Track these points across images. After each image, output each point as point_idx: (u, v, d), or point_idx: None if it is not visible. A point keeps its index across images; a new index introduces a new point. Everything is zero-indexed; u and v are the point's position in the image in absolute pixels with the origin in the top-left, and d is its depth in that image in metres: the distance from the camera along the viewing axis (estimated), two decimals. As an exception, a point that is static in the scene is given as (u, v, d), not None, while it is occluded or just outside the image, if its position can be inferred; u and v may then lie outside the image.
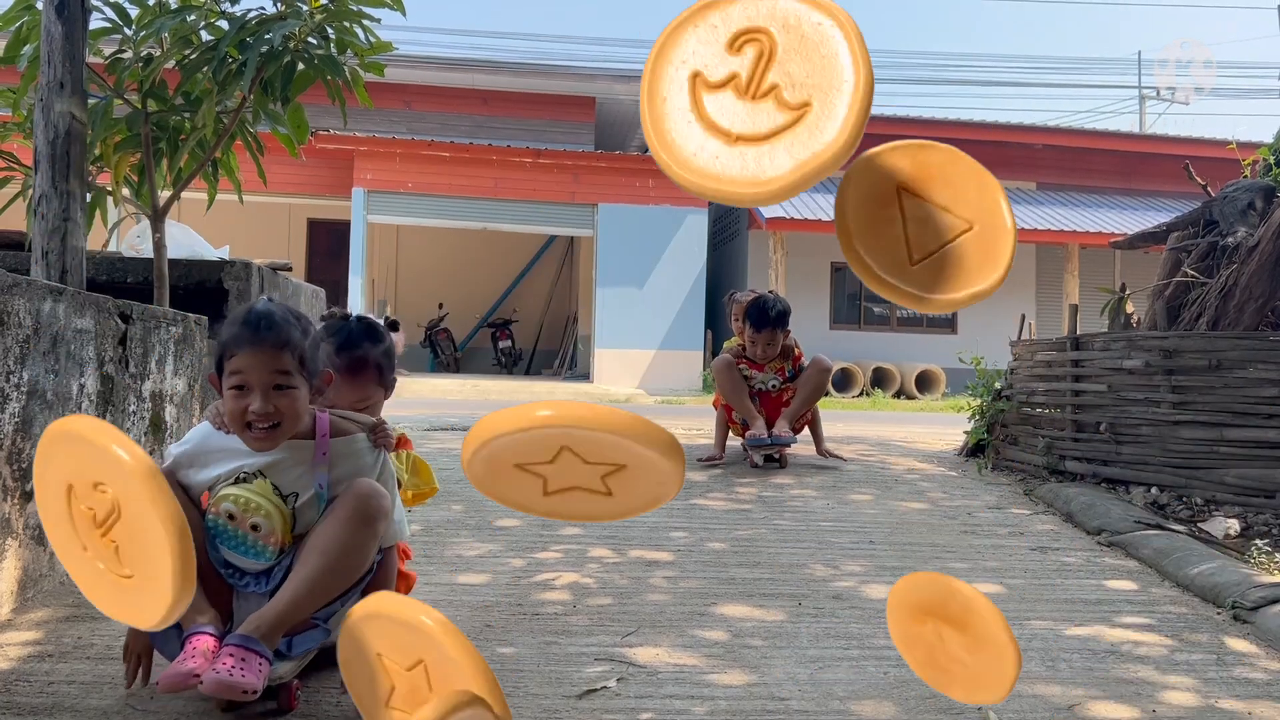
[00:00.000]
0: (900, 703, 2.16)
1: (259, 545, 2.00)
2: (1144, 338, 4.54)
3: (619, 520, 1.31)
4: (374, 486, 2.02)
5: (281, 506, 2.01)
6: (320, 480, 2.04)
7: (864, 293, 17.66)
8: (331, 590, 1.97)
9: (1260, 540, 3.66)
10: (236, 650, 1.78)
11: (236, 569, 2.03)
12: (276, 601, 1.90)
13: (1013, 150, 18.02)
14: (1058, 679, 2.33)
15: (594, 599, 2.85)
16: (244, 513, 1.98)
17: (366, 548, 2.00)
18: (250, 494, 1.99)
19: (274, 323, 1.96)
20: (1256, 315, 4.63)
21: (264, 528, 1.98)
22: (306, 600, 1.92)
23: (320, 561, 1.93)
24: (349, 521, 1.96)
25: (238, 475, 2.02)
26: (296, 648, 1.94)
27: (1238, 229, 4.84)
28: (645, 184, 15.94)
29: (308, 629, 1.97)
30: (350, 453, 2.10)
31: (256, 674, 1.77)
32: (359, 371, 2.44)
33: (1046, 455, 4.86)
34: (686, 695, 2.17)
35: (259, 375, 1.93)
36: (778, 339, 4.86)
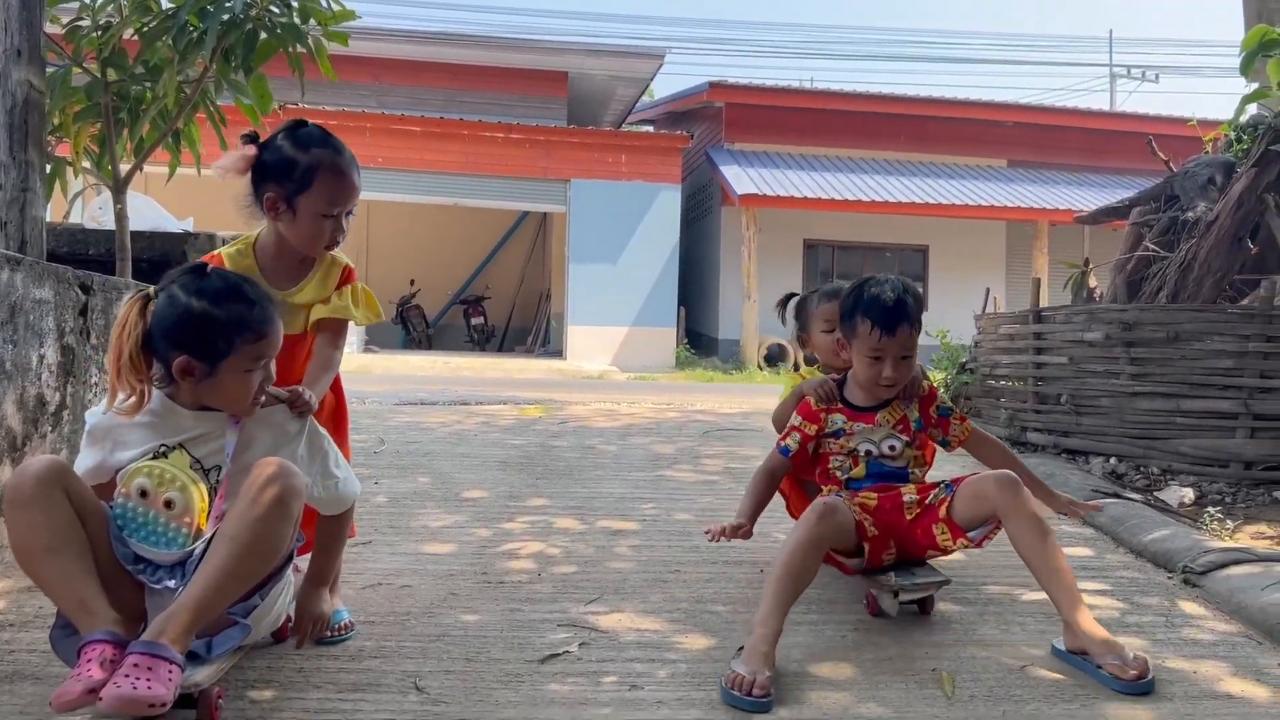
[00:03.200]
0: (858, 664, 2.20)
1: (171, 529, 1.82)
2: (1104, 310, 4.60)
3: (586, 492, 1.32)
4: (284, 466, 1.83)
5: (199, 482, 1.86)
6: (228, 447, 1.92)
7: (836, 269, 17.75)
8: (245, 581, 1.79)
9: (1213, 508, 3.74)
10: (141, 658, 1.58)
11: (148, 564, 1.83)
12: (184, 599, 1.70)
13: (984, 128, 18.11)
14: (1010, 641, 2.38)
15: (559, 567, 2.87)
16: (158, 487, 1.82)
17: (280, 531, 1.81)
18: (166, 466, 1.85)
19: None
20: (1214, 289, 4.71)
21: (178, 504, 1.82)
22: (217, 594, 1.72)
23: (230, 549, 1.74)
24: (259, 504, 1.77)
25: (155, 451, 1.90)
26: (216, 649, 1.76)
27: (1197, 204, 4.91)
28: (618, 159, 15.90)
29: (226, 627, 1.80)
30: (270, 422, 2.00)
31: (165, 683, 1.56)
32: (358, 171, 2.39)
33: (1009, 426, 4.93)
34: (648, 659, 2.20)
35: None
36: (915, 348, 2.48)
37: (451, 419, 5.71)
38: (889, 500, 2.45)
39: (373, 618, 2.38)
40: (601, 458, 4.55)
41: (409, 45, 16.68)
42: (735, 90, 17.57)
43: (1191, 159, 5.33)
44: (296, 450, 2.02)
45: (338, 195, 2.25)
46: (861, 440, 2.52)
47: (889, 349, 2.42)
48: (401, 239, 18.22)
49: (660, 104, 20.37)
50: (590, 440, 5.00)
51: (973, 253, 17.55)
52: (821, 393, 2.59)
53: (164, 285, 1.93)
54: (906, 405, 2.54)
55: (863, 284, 2.50)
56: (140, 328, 1.87)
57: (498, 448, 4.71)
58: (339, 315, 2.33)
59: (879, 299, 2.42)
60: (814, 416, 2.57)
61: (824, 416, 2.57)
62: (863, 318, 2.43)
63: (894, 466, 2.51)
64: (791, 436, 2.60)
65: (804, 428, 2.58)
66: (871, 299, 2.43)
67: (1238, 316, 4.15)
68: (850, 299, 2.50)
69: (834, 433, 2.55)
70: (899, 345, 2.42)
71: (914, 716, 1.96)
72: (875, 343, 2.42)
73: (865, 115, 17.83)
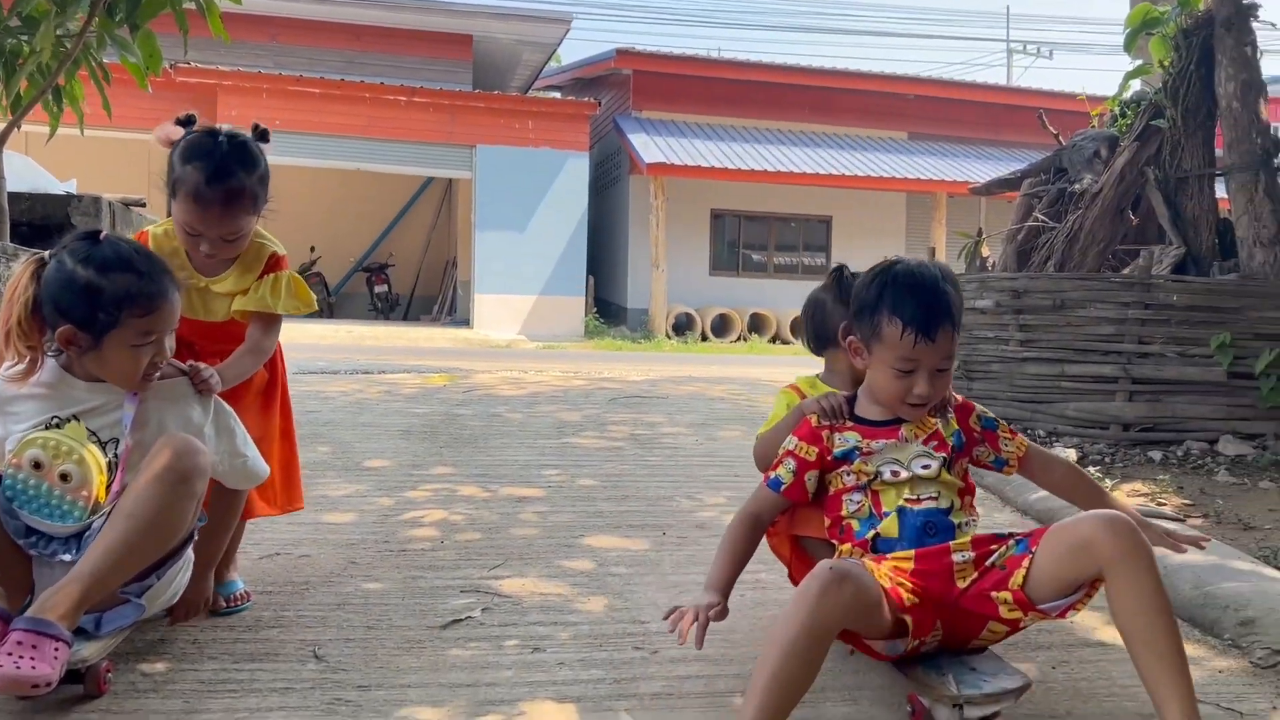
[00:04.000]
0: (755, 620, 2.26)
1: (67, 502, 1.76)
2: (995, 279, 4.77)
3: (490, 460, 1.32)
4: (188, 443, 1.79)
5: (96, 454, 1.80)
6: (125, 419, 1.86)
7: (743, 239, 17.93)
8: (142, 558, 1.74)
9: (1093, 467, 3.93)
10: (25, 635, 1.53)
11: (40, 536, 1.77)
12: (76, 574, 1.64)
13: (885, 100, 18.44)
14: None
15: (462, 535, 2.87)
16: (53, 459, 1.76)
17: (181, 509, 1.76)
18: (62, 437, 1.78)
19: None
20: (1098, 258, 4.92)
21: (75, 477, 1.76)
22: (111, 571, 1.67)
23: (127, 526, 1.68)
24: (160, 480, 1.71)
25: (48, 422, 1.82)
26: (105, 626, 1.72)
27: (1084, 176, 5.10)
28: (525, 126, 15.74)
29: (118, 604, 1.75)
30: (172, 396, 1.94)
31: (50, 662, 1.51)
32: (232, 203, 2.09)
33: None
34: (551, 622, 2.22)
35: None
36: (955, 354, 1.87)
37: (353, 388, 5.62)
38: (933, 561, 1.70)
39: (270, 588, 2.34)
40: (507, 425, 4.54)
41: (307, 4, 16.16)
42: (643, 58, 17.52)
43: (1079, 133, 5.53)
44: (201, 427, 1.96)
45: (196, 223, 2.10)
46: (884, 460, 1.81)
47: (925, 359, 1.75)
48: (301, 204, 17.69)
49: (567, 70, 20.19)
50: (496, 408, 4.99)
51: (875, 223, 17.92)
52: (827, 407, 1.90)
53: (57, 250, 1.85)
54: (939, 417, 1.87)
55: (886, 270, 1.83)
56: (31, 291, 1.79)
57: (401, 416, 4.66)
58: (258, 307, 2.23)
59: (913, 291, 1.76)
60: (815, 437, 1.87)
61: (828, 436, 1.86)
62: (891, 316, 1.75)
63: (935, 511, 1.77)
64: (784, 465, 1.89)
65: (801, 452, 1.87)
66: (902, 291, 1.77)
67: (1119, 285, 4.34)
68: (871, 290, 1.82)
69: (845, 454, 1.84)
70: (938, 354, 1.76)
71: None
72: (908, 350, 1.74)
73: (771, 86, 17.97)
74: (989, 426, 1.93)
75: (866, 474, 1.82)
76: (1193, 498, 3.51)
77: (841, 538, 1.85)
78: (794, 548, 2.09)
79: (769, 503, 1.92)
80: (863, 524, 1.81)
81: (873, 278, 1.85)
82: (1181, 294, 4.24)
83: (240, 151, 2.11)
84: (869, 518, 1.81)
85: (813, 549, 2.02)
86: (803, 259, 18.31)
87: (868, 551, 1.78)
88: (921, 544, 1.73)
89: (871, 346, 1.82)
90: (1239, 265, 4.48)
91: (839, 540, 1.86)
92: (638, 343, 14.33)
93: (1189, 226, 4.71)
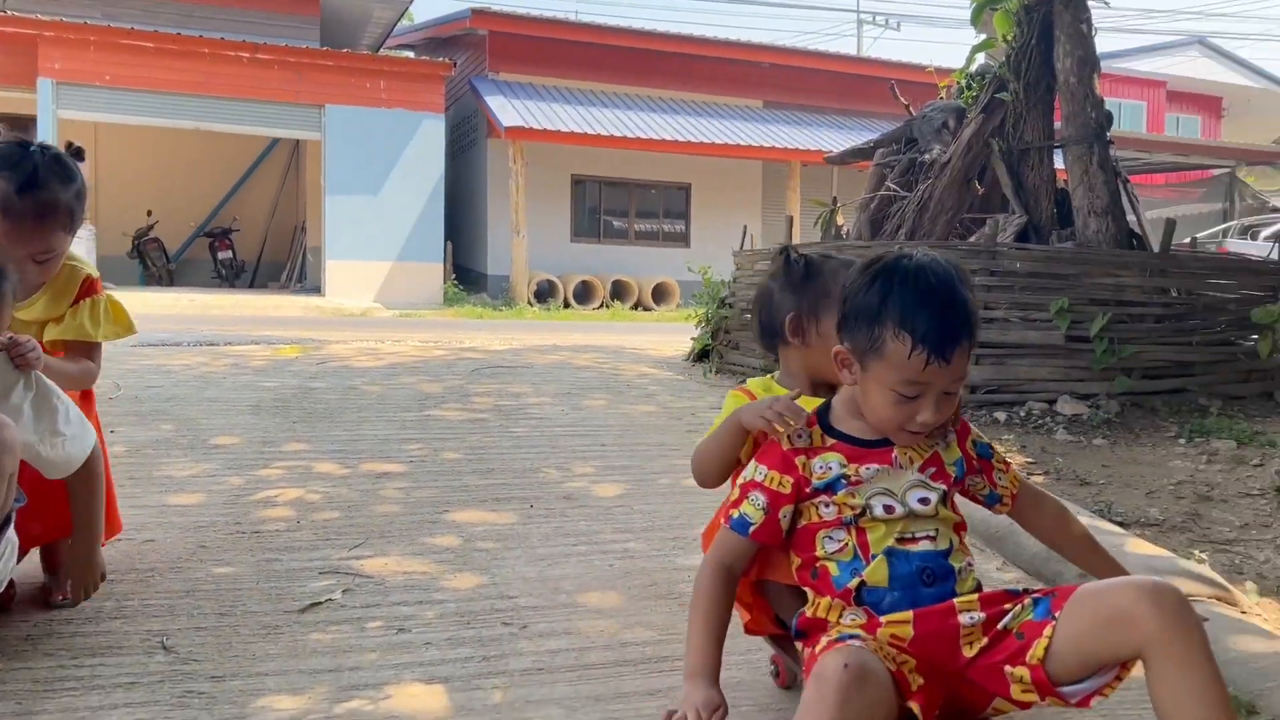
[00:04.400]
0: (625, 591, 2.25)
1: None
2: (849, 248, 4.88)
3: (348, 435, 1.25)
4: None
5: None
6: None
7: (604, 206, 17.89)
8: None
9: (944, 429, 4.08)
10: None
11: None
12: None
13: (741, 68, 18.63)
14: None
15: (319, 514, 2.76)
16: None
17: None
18: None
19: None
20: (947, 226, 5.10)
21: None
22: None
23: None
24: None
25: None
26: None
27: (933, 147, 5.28)
28: (377, 85, 15.20)
29: None
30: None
31: None
32: (47, 217, 1.96)
33: (764, 359, 5.17)
34: (415, 601, 2.16)
35: None
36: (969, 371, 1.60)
37: (197, 361, 5.34)
38: (935, 622, 1.39)
39: (112, 576, 2.19)
40: (364, 399, 4.39)
41: (138, -50, 15.13)
42: (499, 19, 17.16)
43: (928, 104, 5.71)
44: (19, 405, 1.83)
45: (2, 238, 1.92)
46: (874, 491, 1.46)
47: (935, 381, 1.39)
48: (136, 166, 16.67)
49: (420, 29, 19.59)
50: (352, 381, 4.82)
51: (732, 191, 18.17)
52: (787, 418, 1.49)
53: None
54: (939, 439, 1.52)
55: (891, 269, 1.43)
56: None
57: (250, 390, 4.45)
58: (78, 336, 2.08)
59: (925, 300, 1.38)
60: (788, 465, 1.50)
61: (805, 463, 1.49)
62: (898, 331, 1.38)
63: (933, 555, 1.44)
64: (751, 501, 1.51)
65: (772, 484, 1.50)
66: (912, 298, 1.38)
67: (966, 253, 4.51)
68: (871, 293, 1.43)
69: (828, 485, 1.47)
70: (951, 376, 1.40)
71: None
72: (915, 373, 1.38)
73: (630, 51, 17.90)
74: (984, 454, 1.58)
75: (852, 508, 1.45)
76: (1035, 456, 3.70)
77: (816, 583, 1.48)
78: (754, 594, 1.68)
79: (738, 550, 1.52)
80: (844, 568, 1.45)
81: (873, 277, 1.43)
82: (1024, 261, 4.43)
83: (56, 163, 1.97)
84: (852, 560, 1.44)
85: (776, 596, 1.65)
86: (663, 226, 18.41)
87: (850, 604, 1.43)
88: (917, 596, 1.41)
89: (867, 362, 1.42)
90: (1075, 234, 4.73)
91: (812, 586, 1.49)
92: (499, 310, 14.15)
93: (1030, 196, 4.93)
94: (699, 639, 1.46)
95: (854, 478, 1.47)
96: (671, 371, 5.61)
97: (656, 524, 2.77)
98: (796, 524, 1.52)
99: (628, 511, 2.87)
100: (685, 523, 2.77)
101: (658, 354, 6.50)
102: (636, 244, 18.02)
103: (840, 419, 1.52)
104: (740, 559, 1.53)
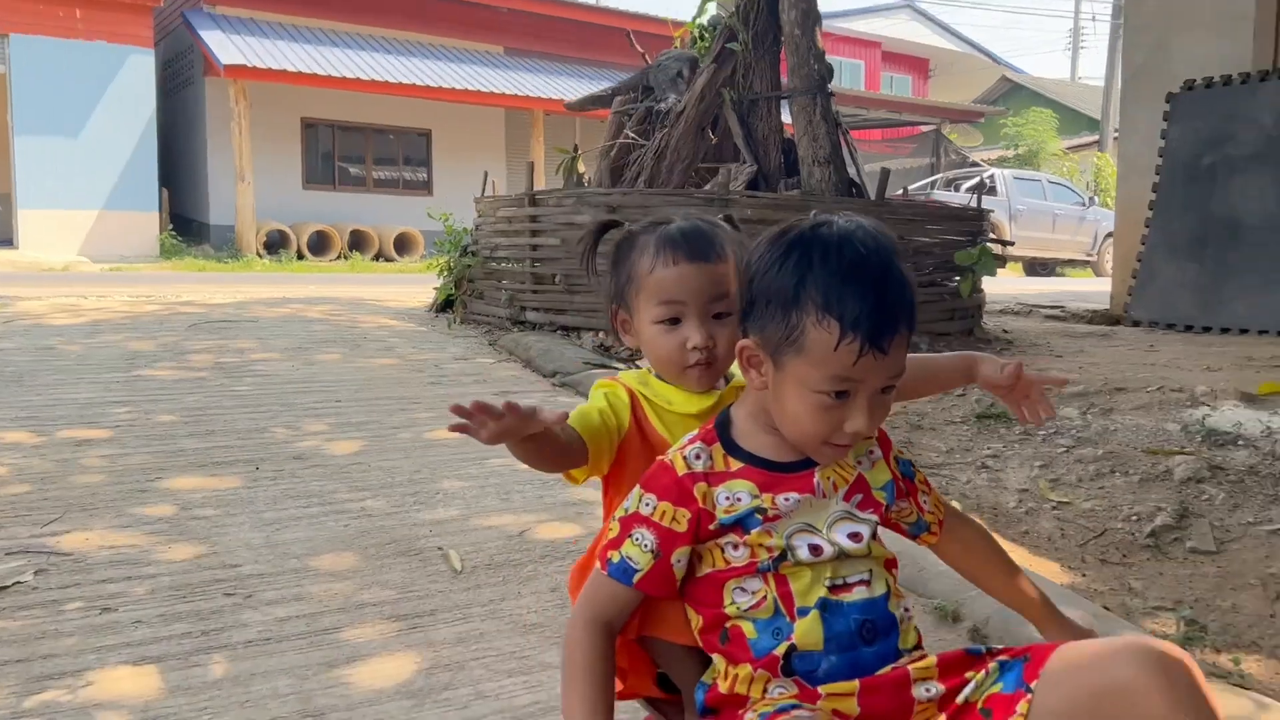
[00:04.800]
0: (361, 550, 2.15)
1: None
2: (591, 194, 4.90)
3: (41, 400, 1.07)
4: None
5: None
6: None
7: (339, 151, 17.04)
8: None
9: (683, 371, 4.20)
10: None
11: None
12: None
13: (480, 12, 18.20)
14: (511, 509, 2.48)
15: (6, 488, 2.45)
16: None
17: None
18: None
19: None
20: (684, 174, 5.21)
21: None
22: None
23: None
24: None
25: None
26: None
27: (669, 95, 5.36)
28: (72, 14, 13.62)
29: None
30: None
31: None
32: None
33: (509, 307, 5.11)
34: (123, 578, 1.96)
35: None
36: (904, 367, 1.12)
37: None
38: (885, 698, 1.11)
39: None
40: (62, 359, 3.95)
41: None
42: (215, -54, 15.81)
43: (664, 53, 5.79)
44: None
45: None
46: (795, 527, 1.14)
47: (870, 378, 1.08)
48: None
49: (123, -47, 17.72)
50: (47, 340, 4.33)
51: (475, 138, 17.80)
52: (480, 418, 1.09)
53: None
54: (863, 458, 1.21)
55: (807, 238, 1.09)
56: None
57: (-80, 354, 3.90)
58: None
59: (855, 276, 1.06)
60: (684, 494, 1.15)
61: (706, 492, 1.14)
62: (822, 316, 1.06)
63: (872, 604, 1.15)
64: (635, 541, 1.15)
65: (664, 519, 1.15)
66: (837, 274, 1.06)
67: (702, 200, 4.64)
68: (785, 270, 1.09)
69: (737, 521, 1.14)
70: (887, 371, 1.09)
71: None
72: (845, 367, 1.06)
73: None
74: (907, 473, 1.26)
75: (769, 550, 1.12)
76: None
77: (727, 649, 1.14)
78: (633, 655, 1.27)
79: (619, 602, 1.15)
80: (763, 628, 1.13)
81: (785, 250, 1.09)
82: (754, 209, 4.61)
83: None
84: (773, 617, 1.13)
85: (665, 657, 1.26)
86: (403, 174, 17.80)
87: (777, 675, 1.11)
88: (858, 658, 1.12)
89: (783, 359, 1.09)
90: (801, 182, 4.96)
91: (723, 653, 1.15)
92: (225, 263, 13.19)
93: (760, 146, 5.13)
94: (578, 706, 1.12)
95: (770, 511, 1.13)
96: (413, 323, 5.43)
97: (396, 480, 2.67)
98: (695, 571, 1.16)
99: (364, 469, 2.74)
100: (427, 477, 2.69)
101: (398, 305, 6.29)
102: (376, 192, 17.33)
103: (745, 435, 1.17)
104: (621, 613, 1.16)
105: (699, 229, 1.30)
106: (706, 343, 1.26)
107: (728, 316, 1.27)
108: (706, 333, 1.26)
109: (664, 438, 1.27)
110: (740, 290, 1.17)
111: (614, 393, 1.32)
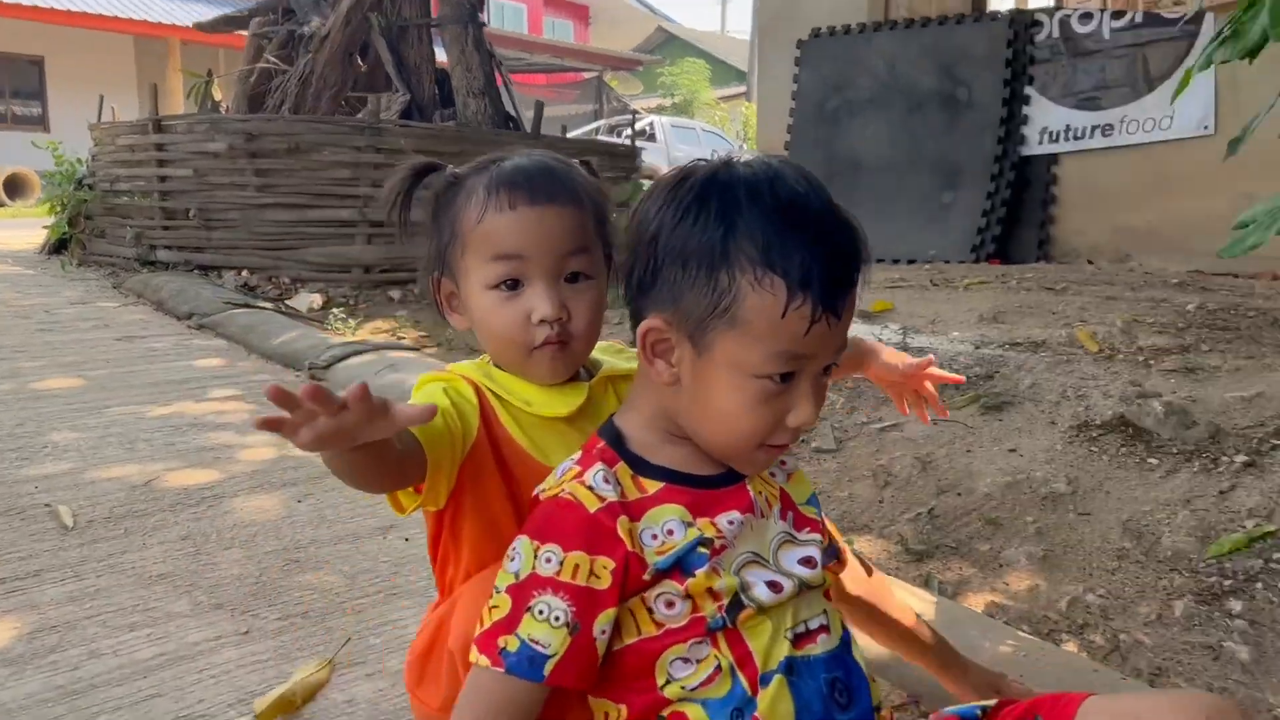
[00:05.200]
0: None
1: None
2: (227, 121, 4.51)
3: None
4: None
5: None
6: None
7: None
8: None
9: (338, 309, 4.00)
10: None
11: None
12: None
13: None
14: (136, 459, 2.25)
15: None
16: None
17: None
18: None
19: None
20: (332, 102, 4.92)
21: None
22: None
23: None
24: None
25: None
26: None
27: (312, 18, 5.02)
28: None
29: None
30: None
31: None
32: None
33: (136, 246, 4.61)
34: None
35: None
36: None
37: None
38: None
39: None
40: None
41: None
42: None
43: (304, -28, 5.41)
44: None
45: None
46: (742, 557, 0.86)
47: (820, 351, 0.83)
48: None
49: None
50: None
51: (99, 68, 15.85)
52: (305, 409, 0.74)
53: None
54: (776, 468, 0.95)
55: (723, 184, 0.83)
56: None
57: None
58: None
59: (795, 220, 0.81)
60: (602, 537, 0.83)
61: (629, 528, 0.83)
62: (762, 274, 0.79)
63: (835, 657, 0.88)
64: (541, 611, 0.82)
65: (579, 575, 0.82)
66: (777, 222, 0.81)
67: (351, 129, 4.40)
68: (701, 222, 0.82)
69: (676, 561, 0.83)
70: (838, 340, 0.84)
71: None
72: (797, 339, 0.81)
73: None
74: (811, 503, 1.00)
75: (718, 596, 0.83)
76: (428, 330, 3.78)
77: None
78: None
79: (520, 709, 0.83)
80: (718, 711, 0.83)
81: (698, 195, 0.83)
82: (409, 139, 4.44)
83: None
84: (730, 693, 0.84)
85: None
86: (12, 107, 15.63)
87: None
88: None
89: (708, 337, 0.82)
90: (456, 114, 4.85)
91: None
92: None
93: (412, 75, 4.94)
94: None
95: (716, 541, 0.84)
96: (20, 266, 4.77)
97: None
98: (610, 645, 0.84)
99: None
100: (34, 430, 2.38)
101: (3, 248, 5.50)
102: (10, 128, 15.13)
103: (647, 448, 0.88)
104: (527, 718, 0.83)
105: (545, 164, 1.01)
106: (558, 313, 0.94)
107: (587, 280, 0.97)
108: (557, 299, 0.94)
109: (526, 451, 0.95)
110: (632, 256, 0.86)
111: (455, 388, 0.96)
